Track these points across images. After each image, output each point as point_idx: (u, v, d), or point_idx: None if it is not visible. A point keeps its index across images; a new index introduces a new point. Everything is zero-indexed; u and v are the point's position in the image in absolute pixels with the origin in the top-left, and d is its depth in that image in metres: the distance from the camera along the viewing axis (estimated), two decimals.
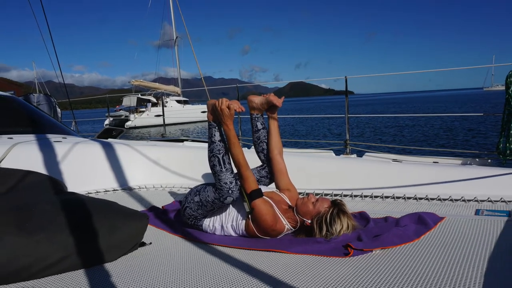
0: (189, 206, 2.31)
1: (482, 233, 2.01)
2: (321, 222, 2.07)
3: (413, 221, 2.20)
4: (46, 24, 5.23)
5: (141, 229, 2.08)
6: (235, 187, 2.15)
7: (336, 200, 2.15)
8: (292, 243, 2.03)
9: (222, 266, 1.79)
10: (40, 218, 1.86)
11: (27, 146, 3.47)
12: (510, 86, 3.38)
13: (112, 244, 1.91)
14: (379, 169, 3.13)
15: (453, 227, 2.15)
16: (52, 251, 1.76)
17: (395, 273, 1.59)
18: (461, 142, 14.43)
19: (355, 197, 2.96)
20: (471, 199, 2.64)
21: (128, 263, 1.89)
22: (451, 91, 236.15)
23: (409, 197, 2.80)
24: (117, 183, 3.72)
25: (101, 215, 1.98)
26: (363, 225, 2.23)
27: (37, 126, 4.37)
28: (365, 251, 1.83)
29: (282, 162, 2.47)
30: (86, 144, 3.89)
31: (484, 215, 2.33)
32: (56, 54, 5.61)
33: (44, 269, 1.74)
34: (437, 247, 1.87)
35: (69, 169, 3.46)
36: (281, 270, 1.69)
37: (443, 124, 20.83)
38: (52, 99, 7.35)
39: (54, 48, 5.48)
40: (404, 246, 1.90)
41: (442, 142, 14.70)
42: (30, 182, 2.71)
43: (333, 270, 1.66)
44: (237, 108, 2.22)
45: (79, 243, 1.83)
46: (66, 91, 6.16)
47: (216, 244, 2.11)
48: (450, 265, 1.64)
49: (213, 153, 2.24)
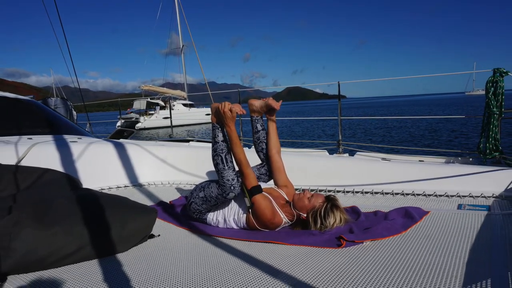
0: (195, 201, 2.30)
1: (464, 226, 2.01)
2: (316, 216, 2.07)
3: (401, 215, 2.20)
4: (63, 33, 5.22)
5: (150, 222, 2.08)
6: (236, 184, 2.15)
7: (330, 195, 2.15)
8: (289, 235, 2.03)
9: (224, 256, 1.79)
10: (57, 212, 1.86)
11: (45, 146, 3.47)
12: (490, 90, 3.38)
13: (124, 236, 1.91)
14: (369, 167, 3.13)
15: (437, 220, 2.15)
16: (68, 242, 1.76)
17: (384, 263, 1.59)
18: (445, 142, 14.41)
19: (347, 192, 2.96)
20: (453, 194, 2.64)
21: (139, 253, 1.89)
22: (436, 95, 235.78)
23: (397, 193, 2.80)
24: (128, 180, 3.71)
25: (113, 209, 1.98)
26: (354, 218, 2.23)
27: (55, 128, 4.37)
28: (356, 243, 1.83)
29: (280, 161, 2.46)
30: (99, 144, 3.89)
31: (466, 209, 2.32)
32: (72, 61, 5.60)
33: (60, 259, 1.74)
34: (423, 239, 1.86)
35: (84, 167, 3.46)
36: (279, 260, 1.69)
37: (428, 125, 20.79)
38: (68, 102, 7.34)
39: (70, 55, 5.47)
40: (392, 238, 1.90)
41: (427, 142, 14.68)
42: (48, 179, 2.71)
43: (327, 260, 1.66)
44: (239, 111, 2.21)
45: (93, 235, 1.82)
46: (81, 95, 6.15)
47: (219, 236, 2.11)
48: (435, 256, 1.64)
49: (217, 152, 2.24)
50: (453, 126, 19.38)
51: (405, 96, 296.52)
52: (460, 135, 16.20)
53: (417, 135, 17.01)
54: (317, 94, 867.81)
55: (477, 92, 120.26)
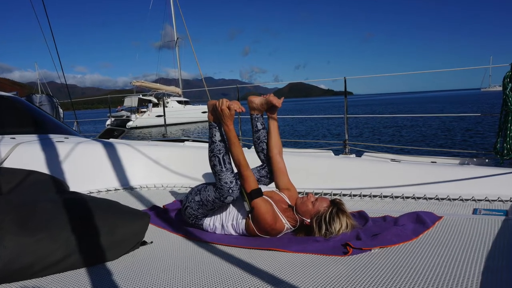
0: (190, 206, 2.31)
1: (479, 233, 2.01)
2: (320, 221, 2.07)
3: (411, 220, 2.20)
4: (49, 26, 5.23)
5: (143, 228, 2.08)
6: (235, 187, 2.15)
7: (335, 199, 2.15)
8: (291, 242, 2.03)
9: (222, 265, 1.79)
10: (42, 217, 1.86)
11: (29, 146, 3.47)
12: (507, 86, 3.37)
13: (114, 243, 1.91)
14: (378, 169, 3.13)
15: (451, 226, 2.15)
16: (54, 249, 1.76)
17: (393, 272, 1.59)
18: (459, 142, 14.43)
19: (354, 196, 2.96)
20: (468, 198, 2.64)
21: (130, 261, 1.89)
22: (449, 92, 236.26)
23: (408, 197, 2.80)
24: (119, 182, 3.72)
25: (102, 214, 1.98)
26: (362, 224, 2.23)
27: (40, 126, 4.37)
28: (364, 250, 1.83)
29: (282, 162, 2.47)
30: (88, 144, 3.89)
31: (482, 214, 2.33)
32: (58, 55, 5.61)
33: (46, 267, 1.74)
34: (435, 246, 1.86)
35: (71, 168, 3.46)
36: (280, 269, 1.69)
37: (441, 124, 20.82)
38: (54, 99, 7.35)
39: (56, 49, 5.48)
40: (402, 245, 1.90)
41: (440, 142, 14.70)
42: (32, 181, 2.71)
43: (332, 269, 1.66)
44: (237, 108, 2.21)
45: (80, 242, 1.82)
46: (68, 91, 6.16)
47: (216, 243, 2.11)
48: (448, 264, 1.64)
49: (214, 153, 2.24)
50: (468, 125, 19.41)
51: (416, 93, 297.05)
52: (475, 134, 16.22)
53: (429, 135, 17.03)
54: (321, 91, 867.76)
55: (494, 89, 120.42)
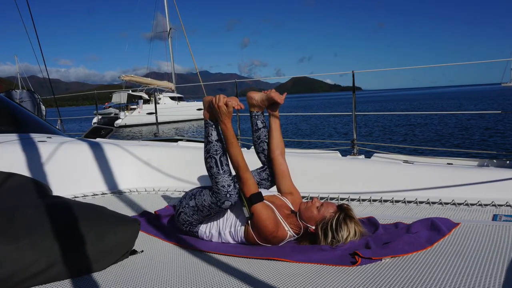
0: (184, 211, 2.31)
1: (500, 240, 2.01)
2: (326, 228, 2.07)
3: (426, 227, 2.20)
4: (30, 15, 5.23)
5: (132, 235, 2.08)
6: (233, 191, 2.15)
7: (343, 204, 2.15)
8: (295, 251, 2.03)
9: (219, 276, 1.79)
10: (23, 223, 1.86)
11: (8, 146, 3.47)
12: None
13: (101, 252, 1.91)
14: (389, 171, 3.13)
15: (468, 233, 2.15)
16: (36, 259, 1.75)
17: (405, 284, 1.59)
18: (478, 142, 14.44)
19: (363, 201, 2.96)
20: (488, 203, 2.64)
21: (118, 272, 1.89)
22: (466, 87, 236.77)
23: (421, 201, 2.80)
24: (106, 186, 3.72)
25: (89, 220, 1.98)
26: (371, 231, 2.23)
27: (20, 125, 4.37)
28: (373, 260, 1.83)
29: (284, 164, 2.47)
30: (72, 144, 3.89)
31: (502, 220, 2.33)
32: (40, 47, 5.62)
33: (28, 278, 1.74)
34: (451, 255, 1.87)
35: (54, 171, 3.46)
36: (283, 280, 1.69)
37: (458, 122, 20.84)
38: (36, 95, 7.35)
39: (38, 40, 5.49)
40: (415, 255, 1.90)
41: (457, 142, 14.72)
42: (12, 185, 2.71)
43: (339, 280, 1.66)
44: (236, 105, 2.21)
45: (65, 250, 1.82)
46: (51, 87, 6.17)
47: (213, 252, 2.11)
48: (465, 275, 1.64)
49: (210, 154, 2.24)
50: (487, 123, 19.42)
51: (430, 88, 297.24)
52: (495, 133, 16.23)
53: (444, 134, 17.05)
54: (327, 86, 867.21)
55: None
